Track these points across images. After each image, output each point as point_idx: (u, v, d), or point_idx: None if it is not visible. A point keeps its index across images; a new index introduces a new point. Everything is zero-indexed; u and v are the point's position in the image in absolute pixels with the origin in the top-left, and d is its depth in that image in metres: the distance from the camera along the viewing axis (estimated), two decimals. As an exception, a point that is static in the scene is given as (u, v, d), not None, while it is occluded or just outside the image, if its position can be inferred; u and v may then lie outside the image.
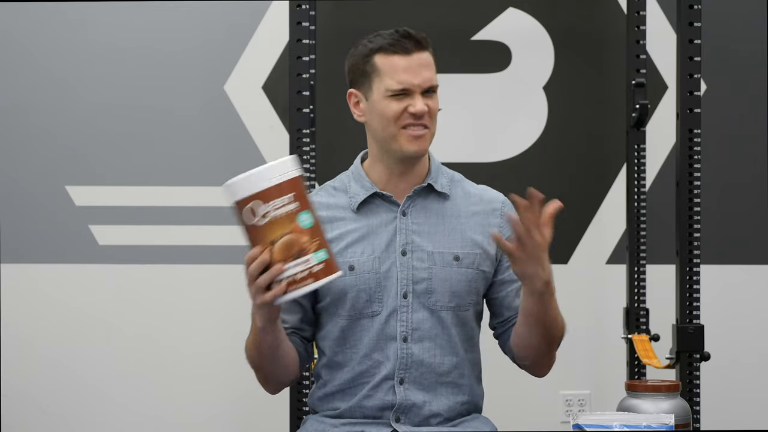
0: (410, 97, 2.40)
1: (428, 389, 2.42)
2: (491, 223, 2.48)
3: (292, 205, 2.15)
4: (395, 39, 2.40)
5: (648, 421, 2.13)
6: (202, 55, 3.83)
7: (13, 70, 3.82)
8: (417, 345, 2.41)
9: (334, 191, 2.50)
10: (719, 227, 3.82)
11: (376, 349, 2.42)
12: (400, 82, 2.39)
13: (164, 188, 3.83)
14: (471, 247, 2.44)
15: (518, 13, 3.86)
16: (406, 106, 2.40)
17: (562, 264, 3.85)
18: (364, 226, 2.44)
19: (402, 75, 2.40)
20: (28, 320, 3.82)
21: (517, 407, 3.79)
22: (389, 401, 2.42)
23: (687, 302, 3.34)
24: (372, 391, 2.42)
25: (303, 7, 3.33)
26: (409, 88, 2.39)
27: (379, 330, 2.42)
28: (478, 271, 2.44)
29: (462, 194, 2.50)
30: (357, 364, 2.43)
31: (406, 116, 2.40)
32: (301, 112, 3.34)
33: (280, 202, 2.15)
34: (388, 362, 2.41)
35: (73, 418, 3.82)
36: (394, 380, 2.41)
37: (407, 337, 2.41)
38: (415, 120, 2.40)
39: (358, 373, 2.43)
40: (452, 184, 2.50)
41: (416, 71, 2.40)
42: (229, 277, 3.79)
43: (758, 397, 3.86)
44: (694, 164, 3.36)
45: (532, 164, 3.87)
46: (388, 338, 2.42)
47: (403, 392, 2.41)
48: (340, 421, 2.44)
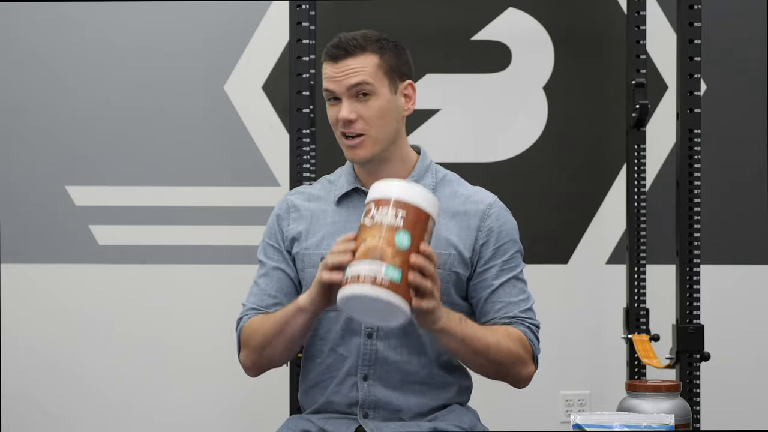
0: (340, 104, 2.44)
1: (395, 387, 2.43)
2: (471, 225, 2.47)
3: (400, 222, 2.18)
4: (330, 46, 2.45)
5: (648, 421, 2.13)
6: (202, 55, 3.83)
7: (13, 70, 3.82)
8: (383, 342, 2.43)
9: (328, 184, 2.56)
10: (719, 227, 3.82)
11: (341, 343, 2.45)
12: (326, 89, 2.45)
13: (164, 188, 3.83)
14: (444, 248, 2.44)
15: (518, 13, 3.86)
16: (336, 113, 2.44)
17: (562, 264, 3.86)
18: (342, 220, 2.48)
19: (326, 82, 2.45)
20: (28, 320, 3.82)
21: (517, 407, 3.79)
22: (353, 397, 2.44)
23: (687, 302, 3.34)
24: (338, 387, 2.45)
25: (303, 7, 3.33)
26: (334, 95, 2.44)
27: (344, 324, 2.44)
28: (450, 272, 2.44)
29: (449, 194, 2.50)
30: (325, 356, 2.46)
31: (339, 124, 2.44)
32: (301, 112, 3.34)
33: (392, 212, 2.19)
34: (351, 357, 2.44)
35: (73, 418, 3.82)
36: (357, 376, 2.43)
37: (372, 334, 2.43)
38: (345, 128, 2.43)
39: (326, 367, 2.46)
40: (441, 184, 2.51)
41: (340, 78, 2.42)
42: (229, 277, 3.79)
43: (758, 397, 3.86)
44: (694, 164, 3.36)
45: (532, 164, 3.87)
46: (352, 333, 2.44)
47: (366, 388, 2.43)
48: (315, 416, 2.47)
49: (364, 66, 2.42)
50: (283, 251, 2.52)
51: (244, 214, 3.82)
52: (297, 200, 2.56)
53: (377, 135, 2.43)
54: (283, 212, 2.55)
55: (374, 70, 2.43)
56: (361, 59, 2.42)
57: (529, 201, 3.82)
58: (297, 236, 2.51)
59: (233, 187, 3.83)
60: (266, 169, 3.83)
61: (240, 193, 3.83)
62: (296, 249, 2.50)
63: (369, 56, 2.43)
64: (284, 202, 2.57)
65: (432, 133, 3.81)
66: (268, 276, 2.52)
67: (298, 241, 2.50)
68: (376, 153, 2.44)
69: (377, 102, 2.43)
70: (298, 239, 2.50)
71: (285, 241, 2.52)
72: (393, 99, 2.45)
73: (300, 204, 2.54)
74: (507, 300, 2.45)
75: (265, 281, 2.52)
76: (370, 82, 2.42)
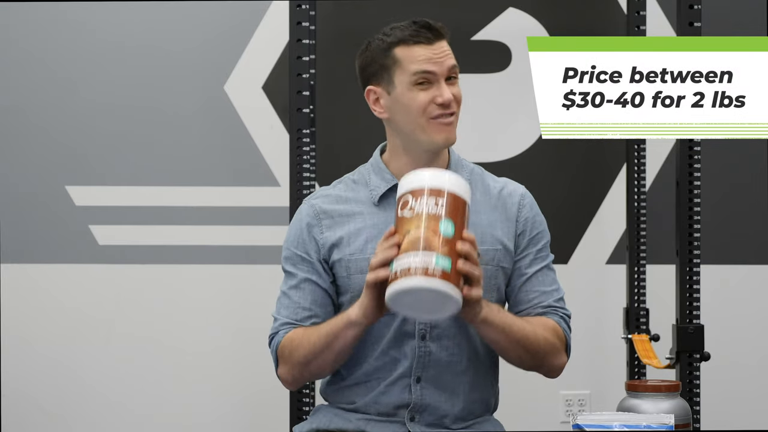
0: (435, 86, 2.39)
1: (444, 388, 2.41)
2: (509, 217, 2.46)
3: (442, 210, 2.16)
4: (415, 30, 2.40)
5: (648, 421, 2.13)
6: (202, 55, 3.83)
7: (13, 70, 3.82)
8: (435, 343, 2.40)
9: (353, 184, 2.47)
10: (719, 227, 3.82)
11: (393, 346, 2.40)
12: (425, 71, 2.38)
13: (164, 188, 3.83)
14: (491, 243, 2.42)
15: (518, 13, 3.86)
16: (432, 96, 2.38)
17: (562, 264, 3.85)
18: (383, 221, 2.39)
19: (425, 65, 2.38)
20: (28, 320, 3.82)
21: (517, 407, 3.79)
22: (405, 399, 2.40)
23: (687, 302, 3.34)
24: (388, 388, 2.40)
25: (303, 7, 3.33)
26: (433, 78, 2.38)
27: (397, 327, 2.39)
28: (498, 267, 2.42)
29: (482, 188, 2.48)
30: (374, 360, 2.41)
31: (433, 107, 2.39)
32: (301, 112, 3.33)
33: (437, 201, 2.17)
34: (406, 360, 2.39)
35: (73, 418, 3.82)
36: (411, 378, 2.40)
37: (425, 335, 2.39)
38: (443, 110, 2.39)
39: (375, 369, 2.41)
40: (472, 178, 2.49)
41: (439, 60, 2.39)
42: (229, 277, 3.79)
43: (758, 397, 3.86)
44: (694, 164, 3.36)
45: (532, 164, 3.87)
46: (405, 335, 2.39)
47: (419, 391, 2.40)
48: (354, 416, 2.43)
49: (451, 50, 2.42)
50: (314, 261, 2.42)
51: (244, 214, 3.82)
52: (325, 205, 2.45)
53: (458, 119, 2.44)
54: (313, 219, 2.44)
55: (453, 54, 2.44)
56: (446, 43, 2.42)
57: (529, 201, 3.82)
58: (337, 242, 2.41)
59: (233, 187, 3.83)
60: (266, 169, 3.83)
61: (240, 193, 3.83)
62: (337, 256, 2.41)
63: (447, 40, 2.44)
64: (311, 208, 2.46)
65: (432, 133, 3.81)
66: (299, 288, 2.42)
67: (339, 248, 2.41)
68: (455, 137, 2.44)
69: (459, 86, 2.44)
70: (338, 245, 2.41)
71: (322, 250, 2.42)
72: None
73: (330, 208, 2.44)
74: (541, 289, 2.45)
75: (297, 294, 2.42)
76: (457, 65, 2.43)
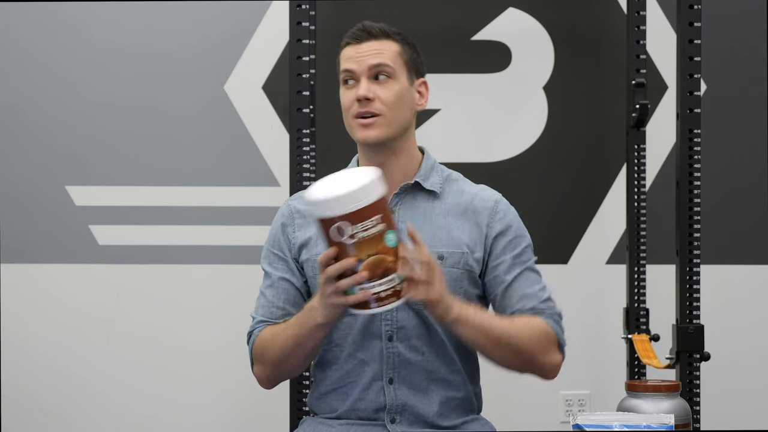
0: (359, 85, 2.42)
1: (418, 389, 2.42)
2: (480, 222, 2.46)
3: (380, 226, 2.14)
4: (352, 32, 2.46)
5: (648, 421, 2.13)
6: (202, 55, 3.83)
7: (13, 70, 3.82)
8: (403, 344, 2.41)
9: None
10: (719, 227, 3.82)
11: (360, 348, 2.42)
12: (345, 69, 2.44)
13: (164, 188, 3.83)
14: (456, 246, 2.43)
15: (518, 13, 3.86)
16: (356, 94, 2.42)
17: (562, 264, 3.86)
18: None
19: (346, 63, 2.44)
20: (28, 320, 3.82)
21: (517, 407, 3.79)
22: (381, 402, 2.41)
23: (687, 302, 3.34)
24: (363, 393, 2.42)
25: (303, 7, 3.33)
26: (355, 76, 2.42)
27: (362, 328, 2.42)
28: (464, 270, 2.43)
29: (455, 193, 2.49)
30: (343, 362, 2.43)
31: (356, 106, 2.42)
32: (301, 112, 3.34)
33: (369, 223, 2.14)
34: (374, 362, 2.41)
35: (73, 418, 3.82)
36: (384, 380, 2.41)
37: (392, 336, 2.41)
38: (361, 107, 2.41)
39: (345, 373, 2.43)
40: (446, 183, 2.50)
41: (360, 59, 2.42)
42: (229, 277, 3.80)
43: (758, 397, 3.86)
44: (694, 164, 3.36)
45: (532, 164, 3.87)
46: (372, 337, 2.42)
47: (393, 392, 2.41)
48: (337, 422, 2.44)
49: (386, 50, 2.43)
50: (289, 260, 2.48)
51: (244, 214, 3.82)
52: (300, 205, 2.51)
53: (391, 119, 2.42)
54: (287, 219, 2.51)
55: (395, 56, 2.44)
56: (383, 43, 2.44)
57: (529, 201, 3.82)
58: (305, 243, 2.47)
59: (233, 187, 3.83)
60: (266, 169, 3.83)
61: (240, 193, 3.83)
62: (305, 256, 2.47)
63: (391, 43, 2.45)
64: (287, 207, 2.53)
65: (432, 133, 3.81)
66: (274, 287, 2.48)
67: (307, 248, 2.47)
68: (387, 136, 2.42)
69: (395, 86, 2.42)
70: (306, 246, 2.47)
71: (292, 250, 2.48)
72: (409, 89, 2.45)
73: (303, 209, 2.49)
74: (523, 292, 2.44)
75: (272, 292, 2.48)
76: (390, 65, 2.42)
